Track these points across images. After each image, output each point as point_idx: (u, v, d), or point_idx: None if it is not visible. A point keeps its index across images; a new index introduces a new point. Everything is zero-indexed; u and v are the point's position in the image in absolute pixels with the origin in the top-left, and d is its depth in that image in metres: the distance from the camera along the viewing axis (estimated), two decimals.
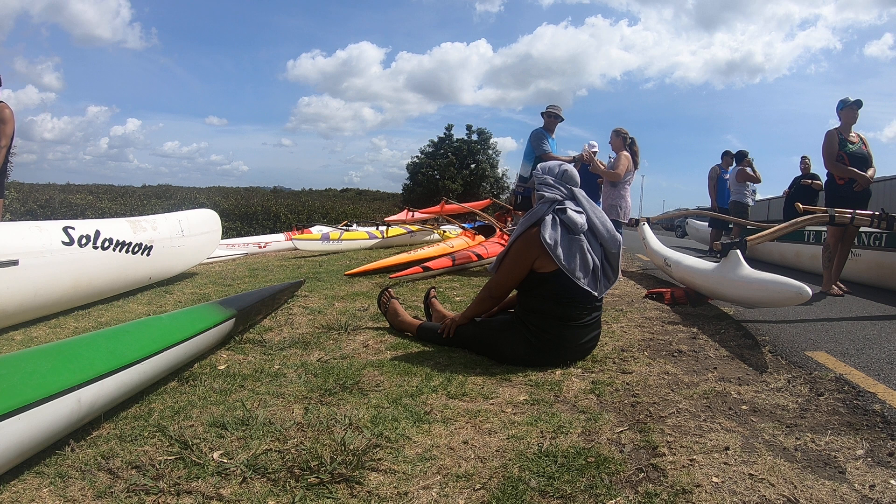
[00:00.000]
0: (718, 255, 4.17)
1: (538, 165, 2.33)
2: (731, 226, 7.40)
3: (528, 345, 2.12)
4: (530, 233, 2.12)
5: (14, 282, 2.53)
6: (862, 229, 4.38)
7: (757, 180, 7.46)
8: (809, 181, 7.12)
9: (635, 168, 4.99)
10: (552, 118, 5.06)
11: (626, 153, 4.94)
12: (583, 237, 2.11)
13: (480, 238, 6.41)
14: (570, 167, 2.28)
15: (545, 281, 2.09)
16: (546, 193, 2.19)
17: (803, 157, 7.25)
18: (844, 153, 4.24)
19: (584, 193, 2.25)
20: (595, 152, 6.03)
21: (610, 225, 2.24)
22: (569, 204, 2.17)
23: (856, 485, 1.26)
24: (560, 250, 2.05)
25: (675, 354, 2.36)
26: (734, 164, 7.82)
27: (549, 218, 2.11)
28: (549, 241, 2.04)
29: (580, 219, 2.13)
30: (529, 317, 2.14)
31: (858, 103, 4.28)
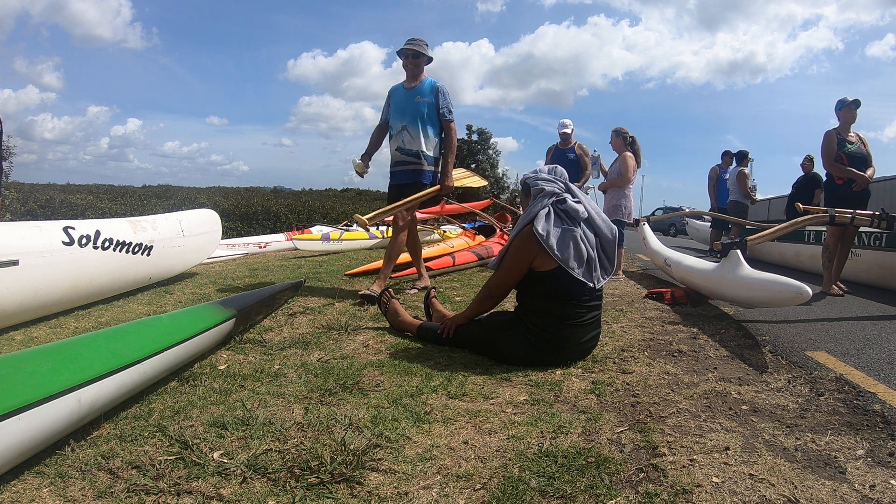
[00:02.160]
0: (718, 255, 4.17)
1: (531, 171, 2.35)
2: (730, 226, 7.40)
3: (528, 344, 2.12)
4: (528, 230, 2.13)
5: (14, 282, 2.52)
6: (862, 229, 4.38)
7: (746, 190, 7.40)
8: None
9: (637, 167, 4.98)
10: (407, 58, 3.47)
11: (628, 153, 4.92)
12: (576, 228, 2.12)
13: (480, 238, 6.41)
14: (558, 165, 2.36)
15: (542, 279, 2.10)
16: (546, 187, 2.21)
17: (807, 156, 7.17)
18: (843, 153, 4.24)
19: (576, 187, 2.31)
20: (571, 132, 5.29)
21: (605, 216, 2.29)
22: (567, 196, 2.21)
23: (856, 485, 1.26)
24: (553, 240, 2.06)
25: (676, 354, 2.36)
26: (734, 164, 7.82)
27: (543, 211, 2.13)
28: (541, 232, 2.06)
29: (580, 207, 2.18)
30: (529, 316, 2.14)
31: (857, 103, 4.28)
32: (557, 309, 2.10)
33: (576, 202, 2.19)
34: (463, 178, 4.71)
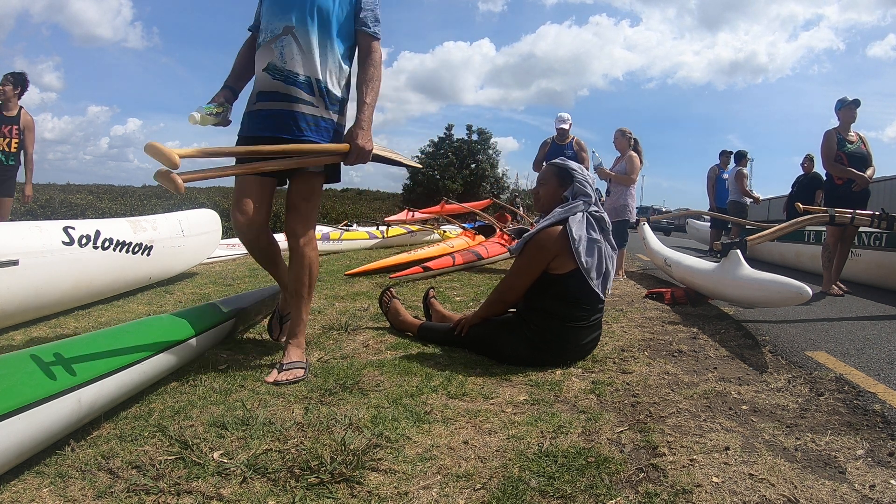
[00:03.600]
0: (718, 255, 4.17)
1: (574, 164, 2.29)
2: (730, 226, 7.40)
3: (530, 344, 2.12)
4: (559, 230, 2.10)
5: (14, 282, 2.52)
6: (862, 229, 4.38)
7: (744, 188, 7.42)
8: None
9: (641, 166, 5.02)
10: None
11: (634, 153, 4.93)
12: (602, 241, 2.13)
13: (481, 238, 6.41)
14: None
15: (556, 282, 2.09)
16: (592, 195, 2.21)
17: (807, 156, 7.18)
18: (843, 153, 4.25)
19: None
20: (569, 127, 5.10)
21: None
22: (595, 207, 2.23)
23: (856, 485, 1.26)
24: (582, 246, 2.07)
25: (676, 354, 2.36)
26: (732, 164, 7.83)
27: (579, 215, 2.13)
28: (575, 235, 2.06)
29: (607, 218, 2.22)
30: (532, 315, 2.14)
31: (856, 102, 4.29)
32: (563, 310, 2.10)
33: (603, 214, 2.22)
34: (387, 150, 2.52)
